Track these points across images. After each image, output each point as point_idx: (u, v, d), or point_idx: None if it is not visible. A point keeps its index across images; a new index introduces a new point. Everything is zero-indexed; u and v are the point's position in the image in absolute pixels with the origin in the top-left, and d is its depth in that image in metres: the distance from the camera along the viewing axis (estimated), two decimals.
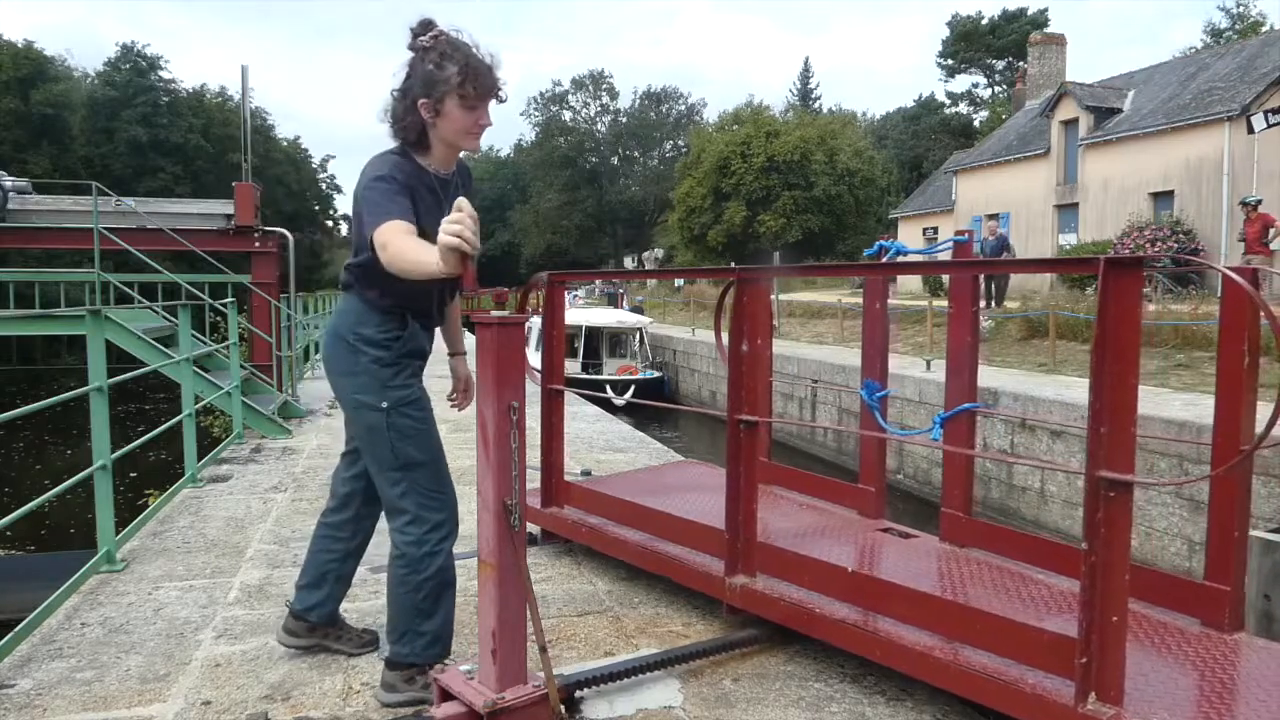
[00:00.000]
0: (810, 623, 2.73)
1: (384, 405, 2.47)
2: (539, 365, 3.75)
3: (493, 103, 2.44)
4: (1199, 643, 2.49)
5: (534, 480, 3.73)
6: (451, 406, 3.01)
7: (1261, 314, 2.37)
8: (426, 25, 2.39)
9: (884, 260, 3.49)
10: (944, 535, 3.35)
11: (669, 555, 3.27)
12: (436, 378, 2.86)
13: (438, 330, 2.79)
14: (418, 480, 2.50)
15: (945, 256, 3.59)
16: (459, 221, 1.91)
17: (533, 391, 2.96)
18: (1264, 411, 2.08)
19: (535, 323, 9.84)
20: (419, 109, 2.37)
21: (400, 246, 2.13)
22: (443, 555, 2.52)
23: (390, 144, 2.49)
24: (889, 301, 3.67)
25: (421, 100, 2.36)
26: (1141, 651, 2.42)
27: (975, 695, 2.30)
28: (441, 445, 2.60)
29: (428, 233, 2.22)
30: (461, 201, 1.96)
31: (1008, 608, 2.65)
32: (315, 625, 2.87)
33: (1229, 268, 2.23)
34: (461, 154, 2.57)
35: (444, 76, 2.33)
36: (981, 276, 18.35)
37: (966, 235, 3.39)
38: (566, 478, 3.99)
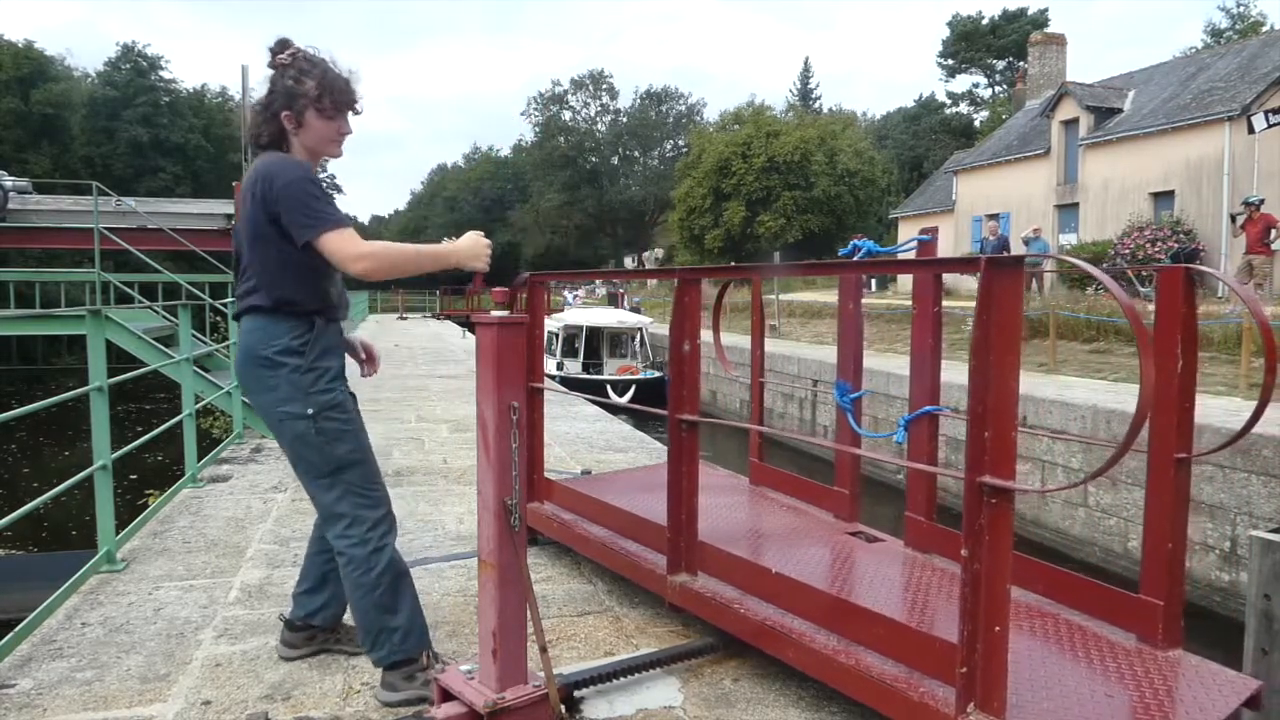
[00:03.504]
0: (736, 622, 2.72)
1: (309, 412, 2.49)
2: (545, 368, 3.75)
3: (351, 114, 2.59)
4: (1126, 658, 2.42)
5: None
6: (364, 376, 3.11)
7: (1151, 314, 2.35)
8: (284, 44, 2.54)
9: (856, 259, 3.43)
10: (908, 540, 3.35)
11: (626, 552, 3.29)
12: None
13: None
14: (351, 482, 2.54)
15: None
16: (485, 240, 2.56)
17: None
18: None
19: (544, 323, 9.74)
20: (281, 120, 2.51)
21: (390, 251, 2.44)
22: (388, 549, 2.56)
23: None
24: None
25: (284, 113, 2.50)
26: (1060, 664, 2.38)
27: (870, 700, 2.28)
28: (370, 445, 2.64)
29: None
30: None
31: (939, 615, 2.63)
32: (316, 632, 2.88)
33: (1150, 269, 2.19)
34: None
35: (303, 90, 2.48)
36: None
37: (931, 235, 3.37)
38: (561, 477, 3.99)
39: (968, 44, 52.70)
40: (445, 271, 2.62)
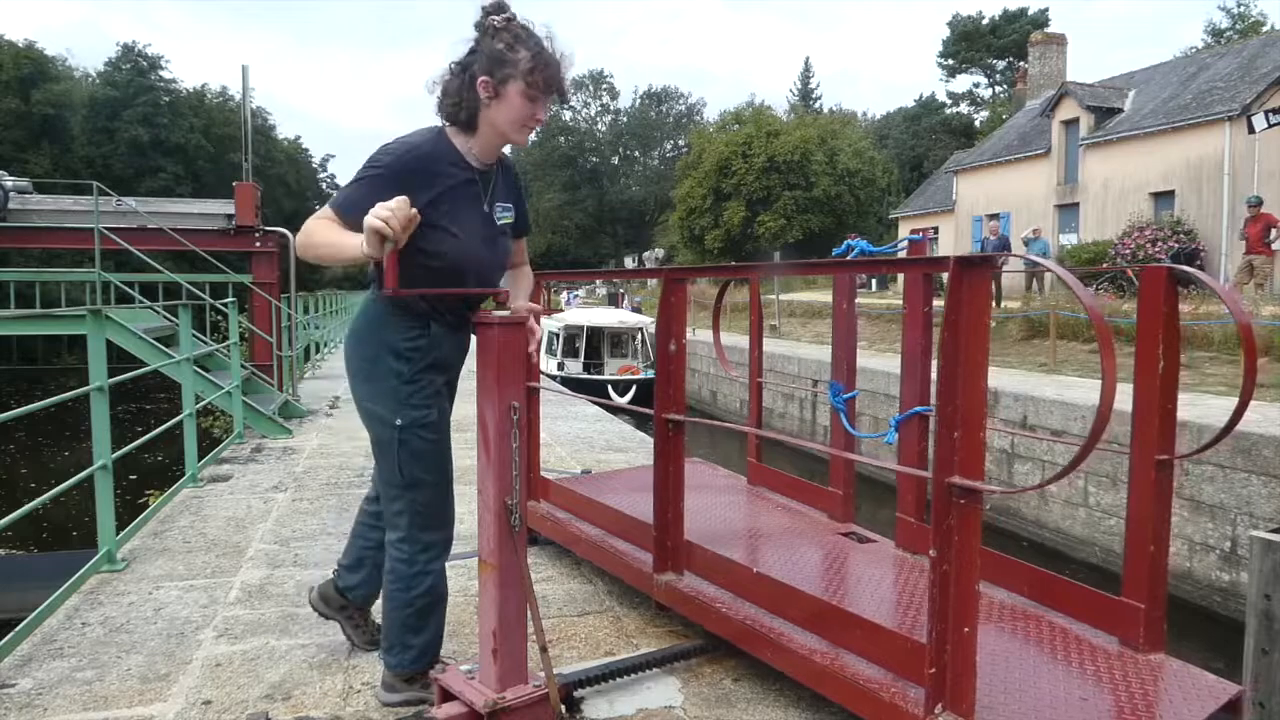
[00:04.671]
0: (719, 622, 2.72)
1: (398, 423, 2.35)
2: (546, 368, 3.75)
3: (556, 101, 2.34)
4: (1105, 661, 2.40)
5: None
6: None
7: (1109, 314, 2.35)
8: (500, 6, 2.28)
9: (847, 259, 3.41)
10: (899, 541, 3.34)
11: (617, 550, 3.29)
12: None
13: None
14: (418, 500, 2.43)
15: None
16: (389, 208, 1.94)
17: None
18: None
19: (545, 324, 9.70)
20: (478, 87, 2.24)
21: (311, 229, 2.16)
22: (433, 575, 2.48)
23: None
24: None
25: (483, 78, 2.23)
26: (1037, 667, 2.36)
27: (844, 700, 2.27)
28: (451, 464, 2.53)
29: (441, 226, 2.23)
30: (402, 199, 1.97)
31: (923, 616, 2.61)
32: (347, 605, 2.85)
33: (1139, 268, 2.19)
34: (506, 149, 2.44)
35: (514, 59, 2.22)
36: None
37: (922, 235, 3.35)
38: (561, 476, 3.98)
39: (968, 44, 52.70)
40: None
